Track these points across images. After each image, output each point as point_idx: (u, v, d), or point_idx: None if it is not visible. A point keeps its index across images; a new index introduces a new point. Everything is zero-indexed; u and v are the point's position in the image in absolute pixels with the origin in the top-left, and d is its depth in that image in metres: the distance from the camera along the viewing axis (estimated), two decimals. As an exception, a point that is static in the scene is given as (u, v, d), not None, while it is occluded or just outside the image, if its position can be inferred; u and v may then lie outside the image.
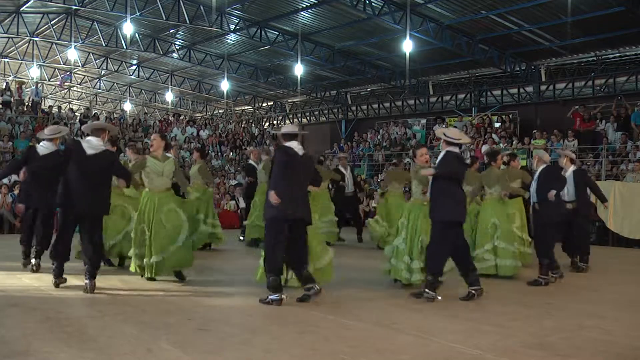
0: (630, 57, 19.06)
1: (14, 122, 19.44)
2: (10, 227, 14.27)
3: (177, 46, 24.51)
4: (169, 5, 18.89)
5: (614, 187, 13.60)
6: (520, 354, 4.32)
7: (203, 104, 34.74)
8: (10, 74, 28.52)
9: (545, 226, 7.60)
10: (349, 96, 28.78)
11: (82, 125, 20.48)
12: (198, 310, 5.58)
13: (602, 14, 16.00)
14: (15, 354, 4.01)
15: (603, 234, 13.95)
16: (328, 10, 18.84)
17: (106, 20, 21.79)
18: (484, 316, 5.57)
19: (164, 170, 7.06)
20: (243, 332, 4.80)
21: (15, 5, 20.18)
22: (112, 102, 35.96)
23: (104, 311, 5.42)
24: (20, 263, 7.94)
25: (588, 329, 5.19)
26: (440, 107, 24.10)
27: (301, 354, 4.19)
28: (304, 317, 5.35)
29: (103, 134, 6.69)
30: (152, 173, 7.03)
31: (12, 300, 5.78)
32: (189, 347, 4.27)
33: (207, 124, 26.16)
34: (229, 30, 20.65)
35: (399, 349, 4.38)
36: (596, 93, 19.26)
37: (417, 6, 17.38)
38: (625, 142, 16.30)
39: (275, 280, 5.78)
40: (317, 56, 22.25)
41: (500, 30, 18.40)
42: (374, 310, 5.77)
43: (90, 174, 6.36)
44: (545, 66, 21.13)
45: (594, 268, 8.94)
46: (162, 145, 7.20)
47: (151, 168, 7.03)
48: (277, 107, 32.37)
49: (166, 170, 7.07)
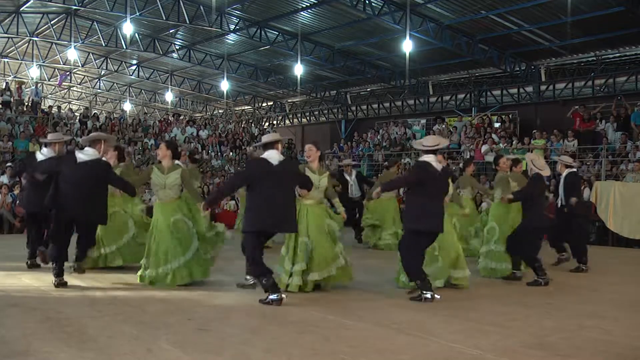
0: (630, 57, 19.07)
1: (14, 122, 19.44)
2: (10, 227, 14.26)
3: (177, 46, 24.51)
4: (168, 5, 18.90)
5: (614, 187, 13.60)
6: (520, 354, 4.32)
7: (203, 104, 34.74)
8: (10, 74, 28.53)
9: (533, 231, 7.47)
10: (349, 96, 28.79)
11: (81, 125, 20.65)
12: (198, 310, 5.58)
13: (602, 14, 16.01)
14: (15, 354, 4.01)
15: (603, 234, 13.95)
16: (328, 10, 18.84)
17: (106, 20, 21.79)
18: (484, 316, 5.56)
19: (166, 182, 6.82)
20: (243, 332, 4.80)
21: (15, 5, 20.19)
22: (112, 102, 35.96)
23: (104, 311, 5.42)
24: (22, 263, 7.96)
25: (588, 329, 5.19)
26: (440, 107, 24.12)
27: (301, 354, 4.19)
28: (303, 317, 5.35)
29: (99, 145, 6.71)
30: (155, 185, 6.89)
31: (12, 300, 5.78)
32: (189, 347, 4.27)
33: (207, 124, 26.16)
34: (228, 30, 20.65)
35: (399, 349, 4.38)
36: (596, 93, 19.28)
37: (417, 6, 17.39)
38: (625, 142, 16.31)
39: (268, 280, 5.79)
40: (317, 56, 22.26)
41: (500, 30, 18.41)
42: (374, 310, 5.77)
43: (80, 181, 6.44)
44: (545, 66, 21.15)
45: (594, 268, 8.95)
46: (167, 155, 6.91)
47: (154, 180, 6.88)
48: (277, 107, 32.38)
49: (168, 182, 6.82)
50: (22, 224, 14.17)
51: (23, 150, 17.71)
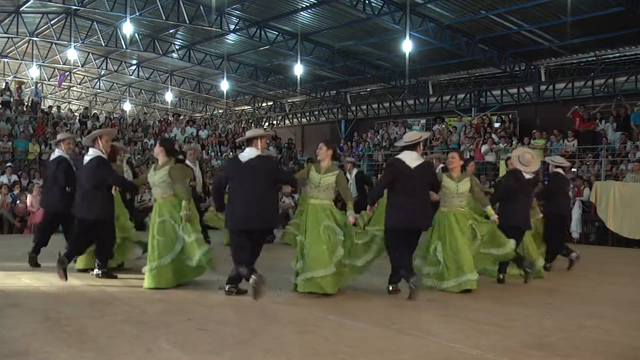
0: (630, 57, 19.08)
1: (14, 122, 19.45)
2: (10, 227, 14.25)
3: (176, 46, 24.51)
4: (168, 5, 18.89)
5: (614, 187, 13.62)
6: (520, 354, 4.31)
7: (203, 104, 34.74)
8: (10, 74, 28.52)
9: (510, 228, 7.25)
10: (349, 96, 28.79)
11: (81, 125, 20.65)
12: (198, 310, 5.58)
13: (601, 14, 16.01)
14: (15, 354, 4.00)
15: (603, 234, 13.97)
16: (328, 10, 18.84)
17: (106, 20, 21.78)
18: (484, 316, 5.56)
19: (154, 180, 6.72)
20: (243, 332, 4.79)
21: (14, 5, 20.18)
22: (112, 102, 35.95)
23: (103, 311, 5.41)
24: (22, 263, 7.96)
25: (588, 329, 5.19)
26: (439, 107, 24.12)
27: (301, 354, 4.18)
28: (303, 317, 5.35)
29: (97, 141, 6.98)
30: (150, 183, 6.88)
31: (12, 300, 5.77)
32: (188, 347, 4.27)
33: (207, 124, 26.15)
34: (228, 30, 20.65)
35: (399, 349, 4.38)
36: (596, 93, 19.28)
37: (416, 6, 17.39)
38: (625, 142, 16.31)
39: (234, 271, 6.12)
40: (316, 56, 22.26)
41: (500, 30, 18.42)
42: (374, 310, 5.77)
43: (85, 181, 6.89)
44: (544, 66, 21.15)
45: (593, 268, 8.95)
46: (160, 152, 6.77)
47: (148, 178, 6.89)
48: (276, 107, 32.37)
49: (156, 179, 6.68)
50: (22, 224, 14.19)
51: (23, 150, 17.72)
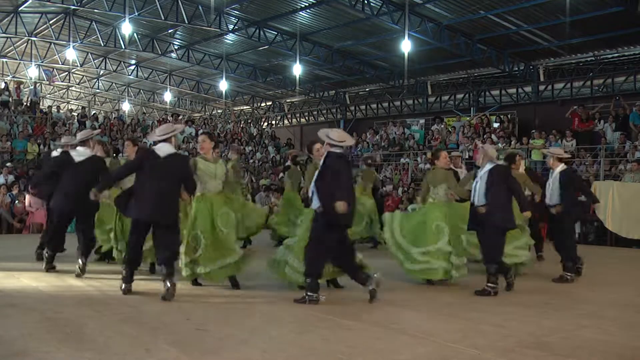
0: (629, 57, 19.08)
1: (12, 122, 19.43)
2: (8, 227, 14.23)
3: (175, 46, 24.50)
4: (167, 5, 18.89)
5: (613, 187, 13.61)
6: (518, 354, 4.31)
7: (202, 103, 34.73)
8: (9, 73, 28.50)
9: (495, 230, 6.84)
10: (348, 96, 28.80)
11: (80, 125, 20.64)
12: (196, 310, 5.57)
13: (600, 14, 16.03)
14: (14, 354, 4.00)
15: (601, 234, 13.97)
16: (326, 10, 18.85)
17: (104, 20, 21.77)
18: (482, 316, 5.56)
19: (217, 172, 6.62)
20: (241, 332, 4.79)
21: (13, 5, 20.17)
22: (111, 102, 35.91)
23: (102, 311, 5.41)
24: (21, 263, 7.96)
25: (587, 328, 5.19)
26: (438, 107, 24.15)
27: (300, 354, 4.18)
28: (302, 317, 5.35)
29: (87, 143, 7.40)
30: (205, 175, 6.58)
31: (11, 300, 5.77)
32: (187, 347, 4.26)
33: (206, 124, 26.14)
34: (227, 30, 20.65)
35: (398, 349, 4.38)
36: (594, 93, 19.30)
37: (415, 6, 17.41)
38: (624, 142, 16.32)
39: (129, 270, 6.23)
40: (315, 56, 22.26)
41: (499, 30, 18.43)
42: (373, 310, 5.77)
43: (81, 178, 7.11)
44: (543, 66, 21.15)
45: (593, 268, 8.93)
46: (211, 147, 6.72)
47: (204, 170, 6.58)
48: (275, 107, 32.37)
49: (219, 172, 6.64)
50: (21, 224, 14.17)
51: (21, 150, 17.70)
